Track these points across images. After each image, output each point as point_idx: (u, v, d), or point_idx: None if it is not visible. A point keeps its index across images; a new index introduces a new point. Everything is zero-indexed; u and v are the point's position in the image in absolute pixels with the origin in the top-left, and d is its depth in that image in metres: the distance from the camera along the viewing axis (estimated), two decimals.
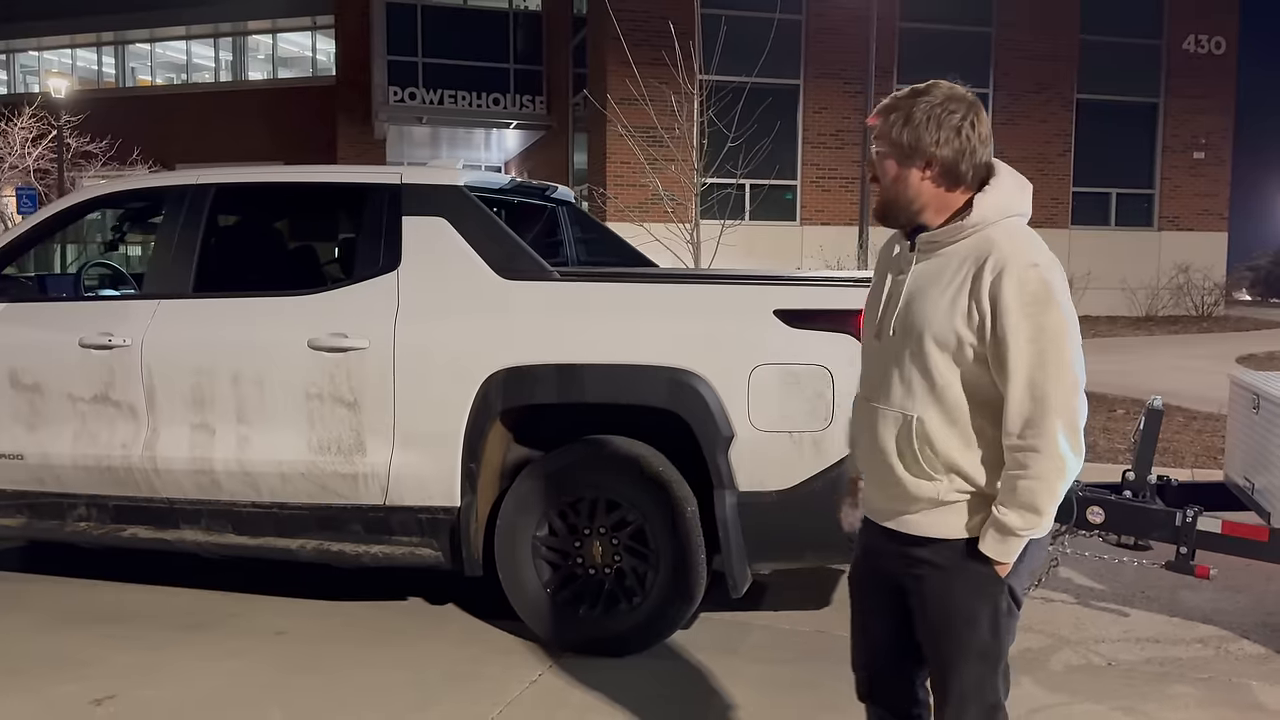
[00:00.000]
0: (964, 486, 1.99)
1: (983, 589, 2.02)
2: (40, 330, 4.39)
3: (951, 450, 1.99)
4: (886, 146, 2.01)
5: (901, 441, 2.02)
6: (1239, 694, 3.51)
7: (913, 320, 2.00)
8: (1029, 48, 17.69)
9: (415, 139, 24.91)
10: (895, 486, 2.04)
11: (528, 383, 3.77)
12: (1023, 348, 1.90)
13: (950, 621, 2.05)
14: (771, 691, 3.49)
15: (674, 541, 3.67)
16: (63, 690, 3.48)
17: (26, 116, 21.14)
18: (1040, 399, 1.90)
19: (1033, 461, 1.90)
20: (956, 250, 1.98)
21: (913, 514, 2.04)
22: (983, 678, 2.07)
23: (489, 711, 3.33)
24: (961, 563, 2.01)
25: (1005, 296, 1.90)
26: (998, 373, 1.93)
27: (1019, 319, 1.89)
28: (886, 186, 2.04)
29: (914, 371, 2.00)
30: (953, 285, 1.96)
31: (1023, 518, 1.92)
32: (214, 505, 4.17)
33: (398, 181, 4.11)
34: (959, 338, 1.95)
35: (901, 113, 2.01)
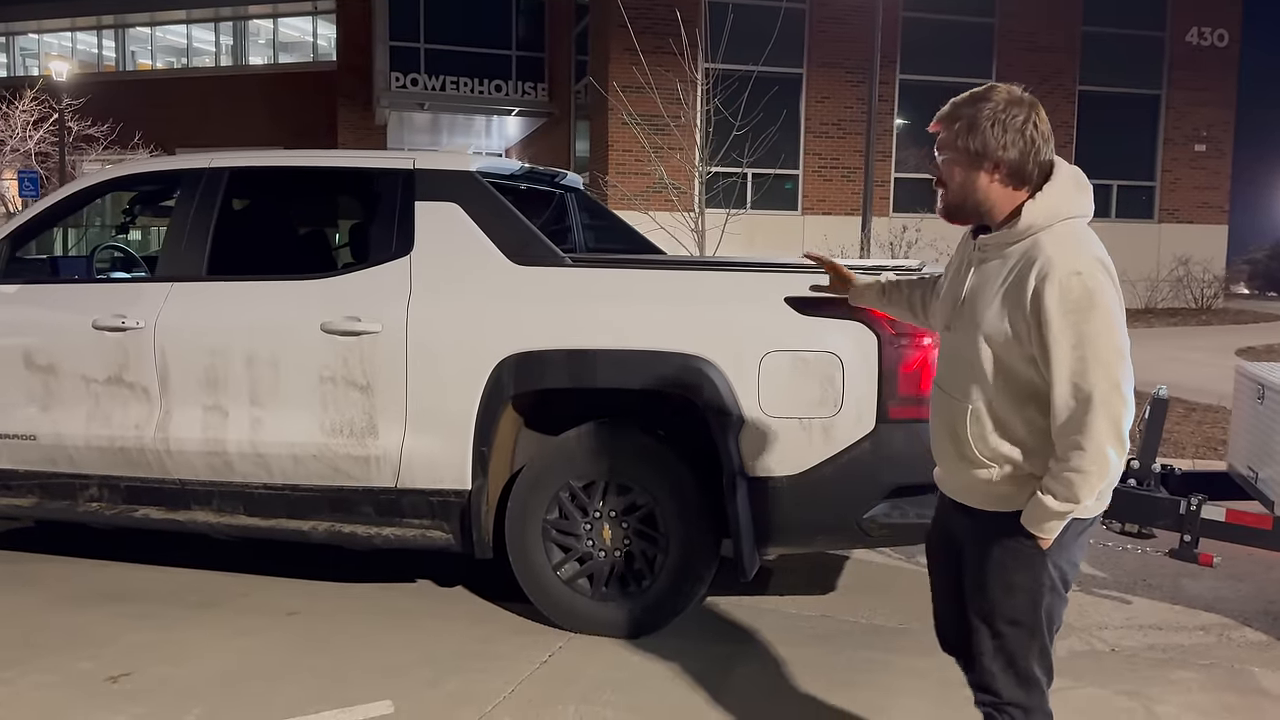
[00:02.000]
0: (1012, 471, 2.14)
1: (1023, 560, 2.16)
2: (54, 312, 4.42)
3: (1001, 439, 2.14)
4: (952, 153, 2.13)
5: (960, 427, 2.19)
6: (1241, 680, 3.56)
7: (970, 317, 2.15)
8: (1031, 39, 17.68)
9: (416, 125, 24.86)
10: (957, 465, 2.24)
11: (539, 367, 3.80)
12: (1066, 353, 2.00)
13: (991, 589, 2.20)
14: (780, 675, 3.54)
15: (683, 525, 3.71)
16: (80, 667, 3.52)
17: (28, 100, 21.08)
18: (1084, 400, 2.00)
19: (1075, 457, 2.03)
20: (1011, 253, 2.10)
21: (971, 489, 2.23)
22: (1017, 646, 2.20)
23: (501, 690, 3.37)
24: (1007, 534, 2.16)
25: (1048, 304, 2.00)
26: (1045, 372, 2.05)
27: (1062, 326, 1.99)
28: (954, 190, 2.15)
29: (971, 364, 2.15)
30: (1002, 288, 2.08)
31: (1061, 502, 2.06)
32: (226, 486, 4.21)
33: (411, 166, 4.13)
34: (1008, 337, 2.08)
35: (965, 120, 2.10)
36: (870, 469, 3.58)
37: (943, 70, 17.69)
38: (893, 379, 3.52)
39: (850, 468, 3.58)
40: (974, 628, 2.26)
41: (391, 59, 21.00)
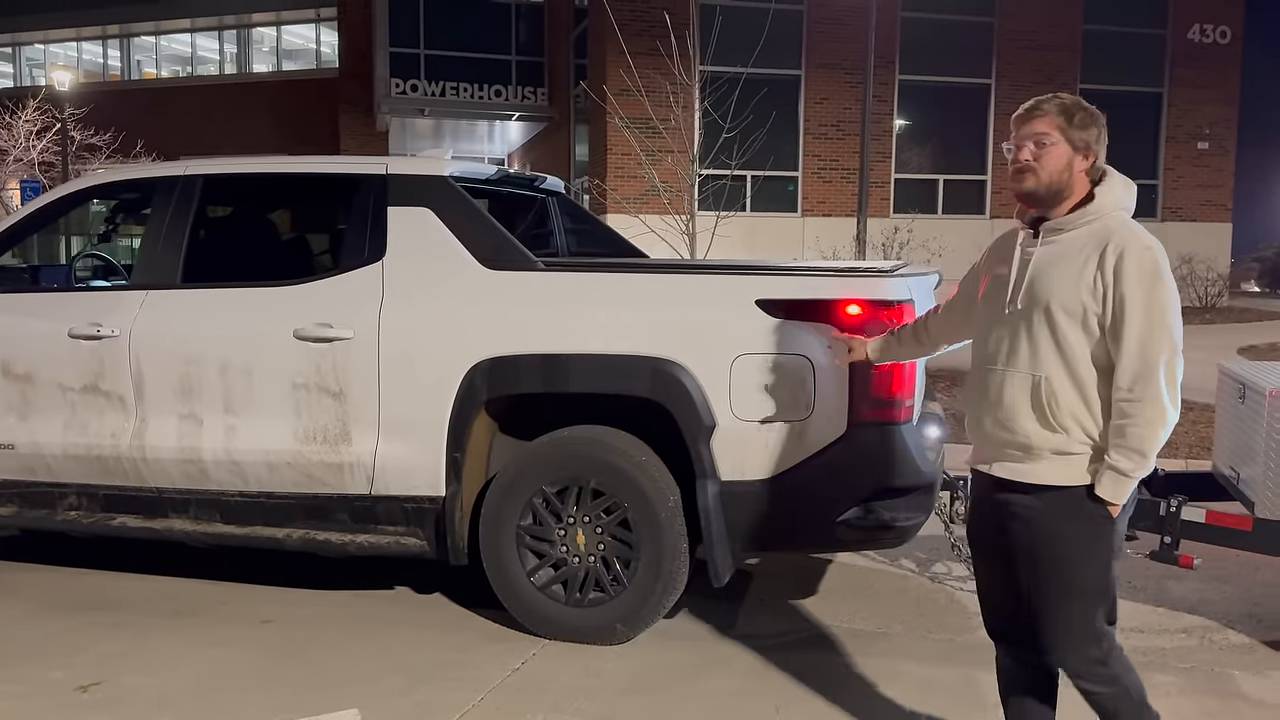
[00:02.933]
0: (1082, 438, 2.34)
1: (1097, 530, 2.34)
2: (31, 320, 4.41)
3: (1073, 404, 2.34)
4: (1061, 138, 2.35)
5: (1032, 398, 2.35)
6: (1221, 683, 3.51)
7: (1039, 293, 2.36)
8: (1031, 38, 17.59)
9: (418, 131, 24.88)
10: (1021, 440, 2.37)
11: (512, 372, 3.78)
12: (1138, 316, 2.27)
13: (1063, 562, 2.35)
14: (754, 680, 3.51)
15: (657, 530, 3.68)
16: (49, 677, 3.51)
17: (31, 109, 21.17)
18: (1149, 360, 2.27)
19: (1139, 411, 2.27)
20: (1077, 236, 2.36)
21: (1035, 464, 2.37)
22: (1091, 612, 2.38)
23: (471, 699, 3.35)
24: (1079, 507, 2.33)
25: (1126, 273, 2.28)
26: (1113, 337, 2.30)
27: (1136, 292, 2.27)
28: (1053, 174, 2.37)
29: (1041, 337, 2.35)
30: (1078, 262, 2.32)
31: (1132, 460, 2.28)
32: (202, 494, 4.20)
33: (383, 172, 4.12)
34: (1084, 307, 2.31)
35: (1086, 112, 2.38)
36: (843, 472, 3.54)
37: (942, 70, 17.66)
38: (864, 381, 3.48)
39: (823, 471, 3.55)
40: (1050, 615, 2.38)
41: (392, 65, 21.01)
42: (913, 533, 3.65)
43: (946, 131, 18.10)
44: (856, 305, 3.49)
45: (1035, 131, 2.38)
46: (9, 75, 37.23)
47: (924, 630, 3.97)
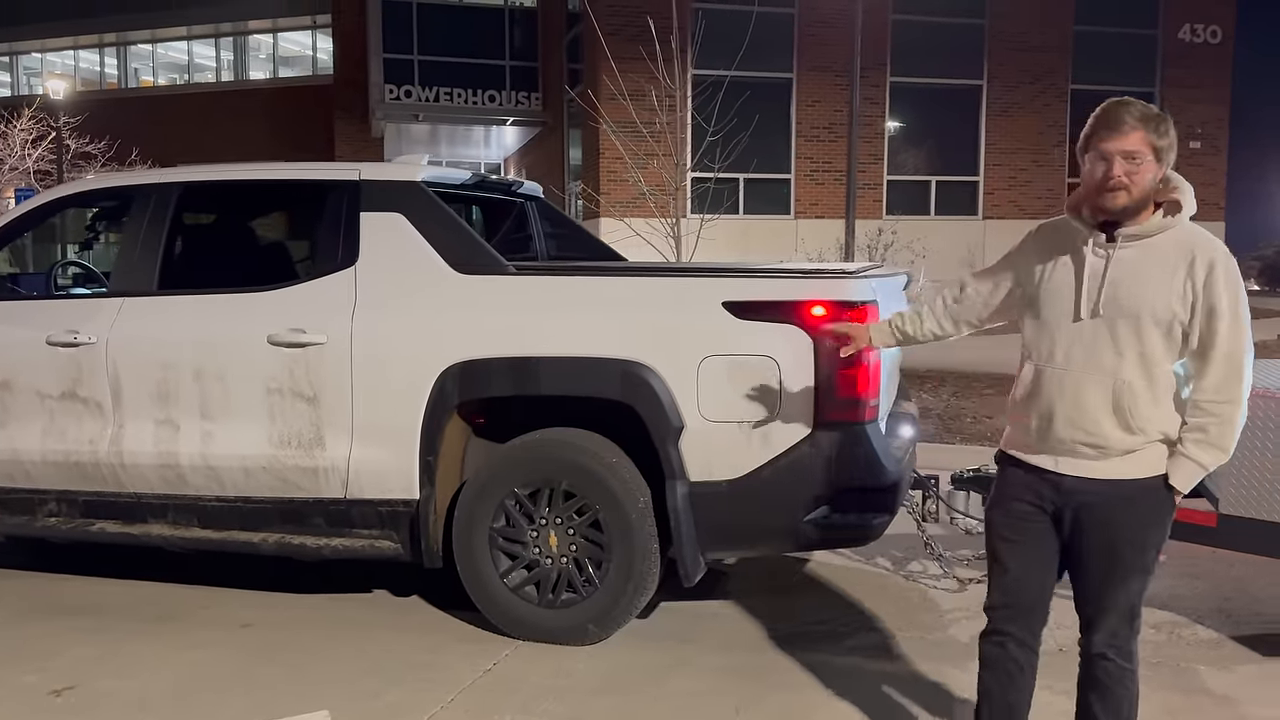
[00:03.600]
0: (1156, 436, 2.44)
1: (1162, 515, 2.51)
2: (9, 328, 4.44)
3: (1150, 407, 2.42)
4: (1151, 154, 2.37)
5: (1114, 403, 2.42)
6: (1185, 678, 3.54)
7: (1126, 301, 2.40)
8: (1022, 39, 17.66)
9: (414, 136, 24.95)
10: (1098, 440, 2.44)
11: (483, 376, 3.82)
12: (1228, 323, 2.37)
13: (1128, 547, 2.48)
14: (720, 680, 3.53)
15: (627, 531, 3.71)
16: (23, 681, 3.54)
17: (26, 118, 21.25)
18: (1236, 364, 2.39)
19: (1225, 412, 2.40)
20: (1160, 243, 2.40)
21: (1109, 462, 2.45)
22: (1144, 589, 2.55)
23: (441, 699, 3.38)
24: (1153, 496, 2.46)
25: (1219, 282, 2.37)
26: (1201, 344, 2.39)
27: (1227, 300, 2.37)
28: (1144, 190, 2.38)
29: (1125, 344, 2.41)
30: (1167, 271, 2.38)
31: (1214, 456, 2.43)
32: (180, 500, 4.23)
33: (356, 178, 4.15)
34: (1174, 314, 2.38)
35: (1165, 121, 2.42)
36: (809, 472, 3.57)
37: (934, 72, 17.72)
38: (829, 382, 3.52)
39: (789, 471, 3.58)
40: (1110, 594, 2.50)
41: (386, 71, 21.09)
42: (879, 531, 3.68)
43: (939, 133, 18.16)
44: (821, 306, 3.52)
45: (1127, 150, 2.35)
46: (6, 84, 37.35)
47: (895, 628, 4.00)
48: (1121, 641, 2.56)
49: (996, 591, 2.66)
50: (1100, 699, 2.61)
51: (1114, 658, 2.57)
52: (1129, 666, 2.59)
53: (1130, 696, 2.61)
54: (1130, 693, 2.61)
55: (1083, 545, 2.52)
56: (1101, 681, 2.60)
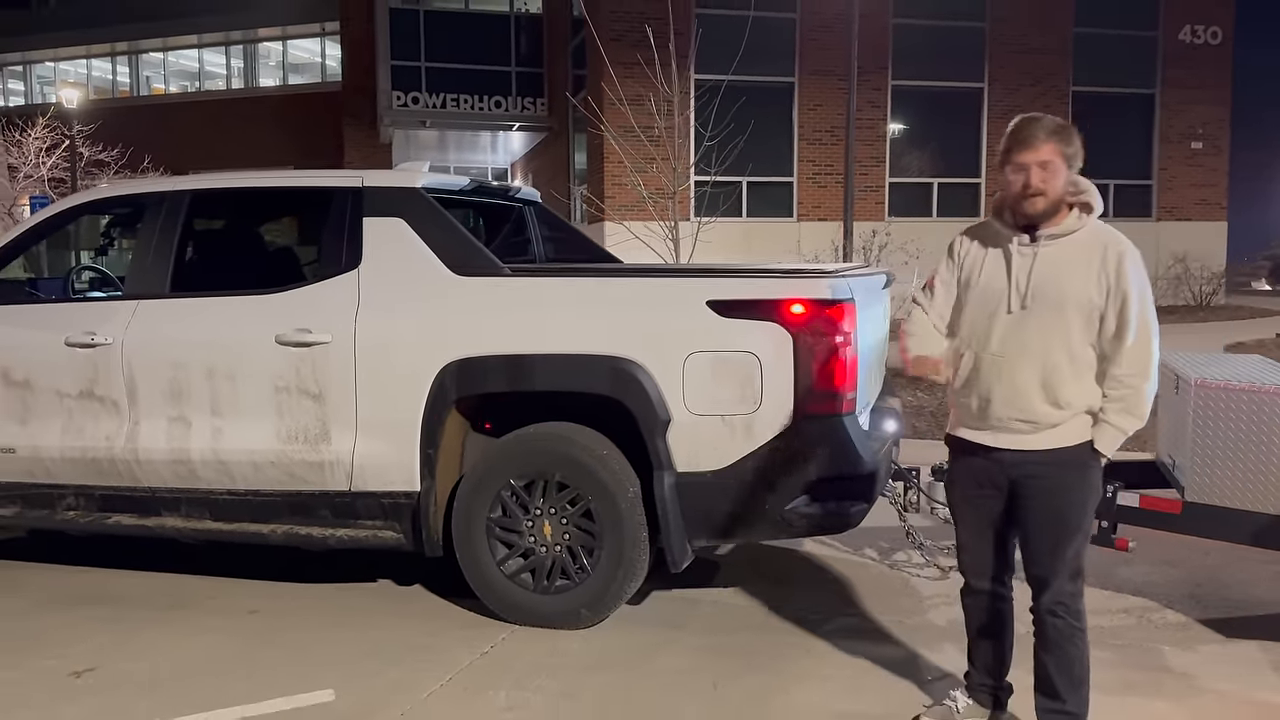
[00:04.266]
0: (1079, 409, 2.77)
1: (1091, 478, 2.83)
2: (30, 330, 4.65)
3: (1076, 383, 2.75)
4: (1061, 161, 2.71)
5: (1043, 383, 2.75)
6: (1149, 657, 3.70)
7: (1051, 293, 2.73)
8: (1022, 42, 17.78)
9: (422, 142, 25.20)
10: (1030, 416, 2.77)
11: (480, 373, 4.00)
12: (1135, 304, 2.71)
13: (1069, 507, 2.80)
14: (704, 659, 3.71)
15: (617, 520, 3.89)
16: (45, 664, 3.73)
17: (40, 127, 21.54)
18: (1144, 339, 2.73)
19: (1139, 384, 2.73)
20: (1074, 239, 2.75)
21: (1041, 435, 2.78)
22: (1082, 547, 2.85)
23: (439, 679, 3.56)
24: (1082, 460, 2.79)
25: (1128, 272, 2.71)
26: (1114, 326, 2.72)
27: (1136, 287, 2.71)
28: (1058, 193, 2.72)
29: (1051, 331, 2.73)
30: (1083, 264, 2.72)
31: (1131, 421, 2.76)
32: (192, 493, 4.42)
33: (359, 184, 4.35)
34: (1092, 302, 2.72)
35: (1071, 131, 2.74)
36: (790, 462, 3.75)
37: (935, 75, 17.86)
38: (808, 376, 3.69)
39: (771, 461, 3.76)
40: (1050, 551, 2.81)
41: (394, 78, 21.34)
42: (858, 519, 3.85)
43: (940, 135, 18.29)
44: (800, 305, 3.70)
45: (1041, 160, 2.70)
46: (20, 93, 37.75)
47: (875, 613, 4.17)
48: (1069, 600, 2.85)
49: (964, 555, 3.07)
50: (1055, 659, 2.87)
51: (1064, 615, 2.85)
52: (1078, 625, 2.87)
53: (1081, 656, 2.89)
54: (1081, 652, 2.89)
55: (1028, 512, 2.84)
56: (1054, 640, 2.87)
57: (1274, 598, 4.32)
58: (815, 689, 3.46)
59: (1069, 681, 2.89)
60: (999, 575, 3.01)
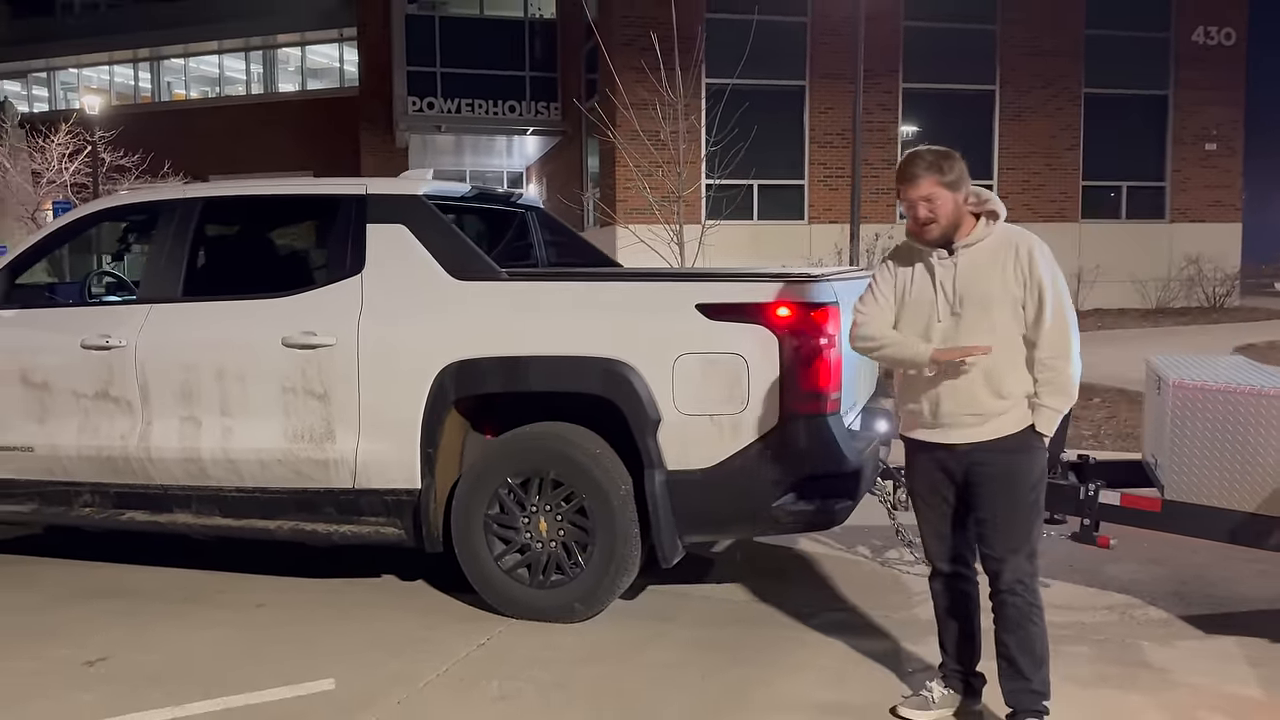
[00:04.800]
0: (1019, 396, 2.99)
1: (1035, 459, 3.03)
2: (48, 333, 4.82)
3: (1011, 374, 2.97)
4: (944, 188, 2.95)
5: (985, 379, 2.97)
6: (1127, 652, 3.79)
7: (975, 295, 2.97)
8: (1034, 44, 17.81)
9: (438, 147, 25.44)
10: (978, 410, 2.98)
11: (477, 374, 4.14)
12: (1050, 292, 2.94)
13: (1018, 488, 3.00)
14: (693, 652, 3.83)
15: (609, 517, 4.01)
16: (60, 654, 3.89)
17: (63, 133, 21.90)
18: (1062, 323, 2.95)
19: (1063, 365, 2.96)
20: (985, 246, 3.00)
21: (987, 425, 2.99)
22: (1036, 525, 3.05)
23: (436, 669, 3.70)
24: (1024, 443, 3.00)
25: (1039, 264, 2.95)
26: (1034, 313, 2.94)
27: (1048, 277, 2.95)
28: (949, 217, 2.98)
29: (982, 329, 2.95)
30: (998, 264, 2.96)
31: (1062, 400, 2.99)
32: (203, 490, 4.58)
33: (363, 192, 4.49)
34: (1013, 295, 2.95)
35: (948, 159, 2.99)
36: (776, 461, 3.86)
37: (946, 78, 17.91)
38: (793, 377, 3.81)
39: (758, 460, 3.88)
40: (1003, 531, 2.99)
41: (409, 83, 21.58)
42: (843, 516, 3.96)
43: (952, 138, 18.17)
44: (786, 307, 3.82)
45: (923, 195, 2.98)
46: (44, 99, 38.30)
47: (864, 608, 4.27)
48: (1027, 579, 3.04)
49: (926, 541, 3.27)
50: (1017, 639, 3.02)
51: (1022, 593, 3.03)
52: (1037, 604, 3.05)
53: (1041, 635, 3.06)
54: (1041, 630, 3.06)
55: (982, 497, 3.04)
56: (1015, 620, 3.03)
57: (1257, 594, 4.39)
58: (799, 680, 3.57)
59: (1032, 661, 3.03)
60: (961, 557, 3.21)
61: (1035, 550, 3.07)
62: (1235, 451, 3.73)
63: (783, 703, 3.40)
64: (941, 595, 3.29)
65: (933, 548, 3.25)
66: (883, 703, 3.35)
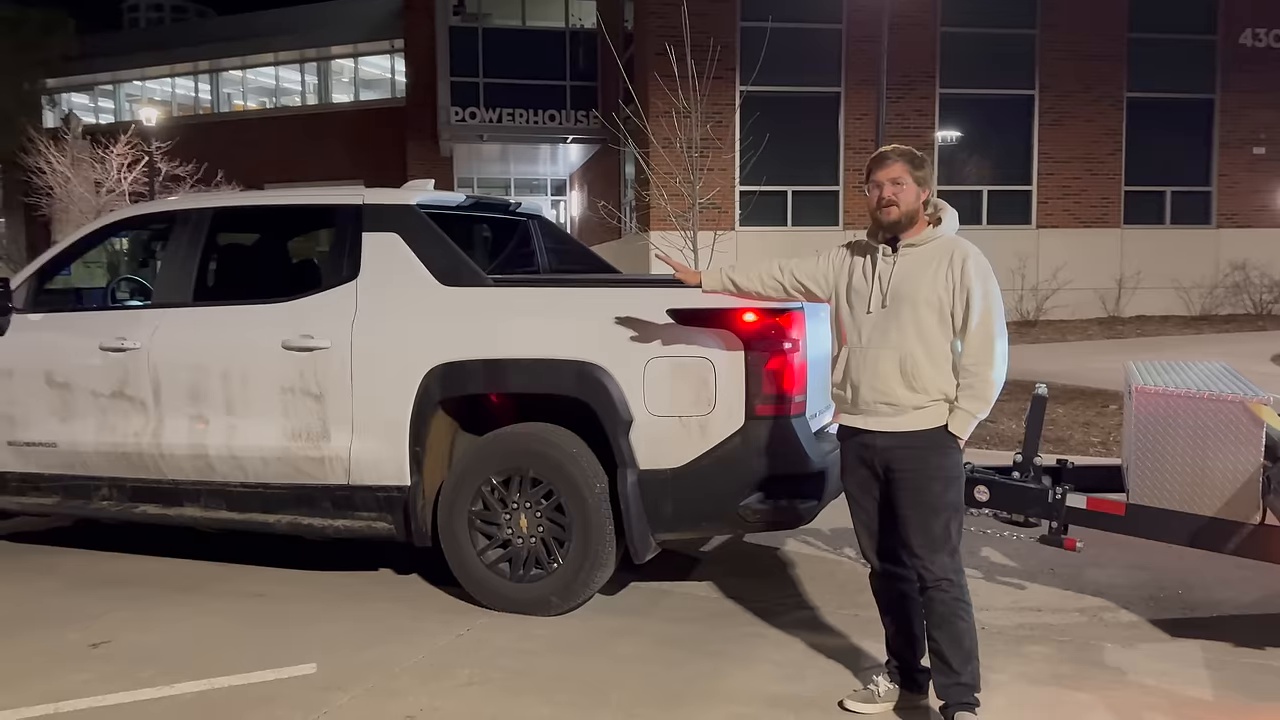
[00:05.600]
0: (936, 395, 3.12)
1: (951, 459, 3.17)
2: (69, 336, 5.11)
3: (929, 372, 3.11)
4: (910, 177, 3.14)
5: (901, 370, 3.11)
6: (1086, 653, 3.83)
7: (906, 293, 3.11)
8: (1075, 48, 17.60)
9: (483, 155, 25.87)
10: (893, 400, 3.12)
11: (460, 376, 4.32)
12: (979, 302, 3.08)
13: (932, 485, 3.12)
14: (660, 646, 3.96)
15: (585, 514, 4.16)
16: (68, 637, 4.15)
17: (122, 144, 22.68)
18: (987, 333, 3.09)
19: (984, 371, 3.09)
20: (926, 249, 3.16)
21: (903, 417, 3.13)
22: (952, 523, 3.16)
23: (413, 657, 3.87)
24: (937, 441, 3.14)
25: (970, 271, 3.09)
26: (961, 320, 3.08)
27: (978, 284, 3.09)
28: (909, 202, 3.16)
29: (907, 325, 3.10)
30: (932, 268, 3.11)
31: (979, 405, 3.10)
32: (209, 485, 4.83)
33: (360, 202, 4.71)
34: (940, 300, 3.09)
35: (920, 159, 3.20)
36: (742, 461, 3.99)
37: (984, 83, 17.78)
38: (757, 380, 3.93)
39: (725, 460, 4.00)
40: (921, 528, 3.12)
41: (453, 94, 22.01)
42: (809, 515, 4.07)
43: (990, 143, 18.19)
44: (752, 314, 3.94)
45: (892, 176, 3.17)
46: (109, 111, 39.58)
47: (834, 606, 4.36)
48: (952, 575, 3.15)
49: (861, 539, 3.40)
50: (946, 634, 3.13)
51: (948, 589, 3.14)
52: (964, 600, 3.17)
53: (970, 630, 3.17)
54: (969, 625, 3.17)
55: (898, 493, 3.17)
56: (941, 615, 3.15)
57: (1232, 599, 4.40)
58: (756, 673, 3.68)
59: (961, 655, 3.13)
60: (893, 555, 3.30)
61: (957, 548, 3.18)
62: (1194, 456, 3.77)
63: (735, 694, 3.52)
64: (881, 593, 3.42)
65: (866, 545, 3.37)
66: (833, 696, 3.45)
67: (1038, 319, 16.48)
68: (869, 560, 3.40)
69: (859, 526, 3.37)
